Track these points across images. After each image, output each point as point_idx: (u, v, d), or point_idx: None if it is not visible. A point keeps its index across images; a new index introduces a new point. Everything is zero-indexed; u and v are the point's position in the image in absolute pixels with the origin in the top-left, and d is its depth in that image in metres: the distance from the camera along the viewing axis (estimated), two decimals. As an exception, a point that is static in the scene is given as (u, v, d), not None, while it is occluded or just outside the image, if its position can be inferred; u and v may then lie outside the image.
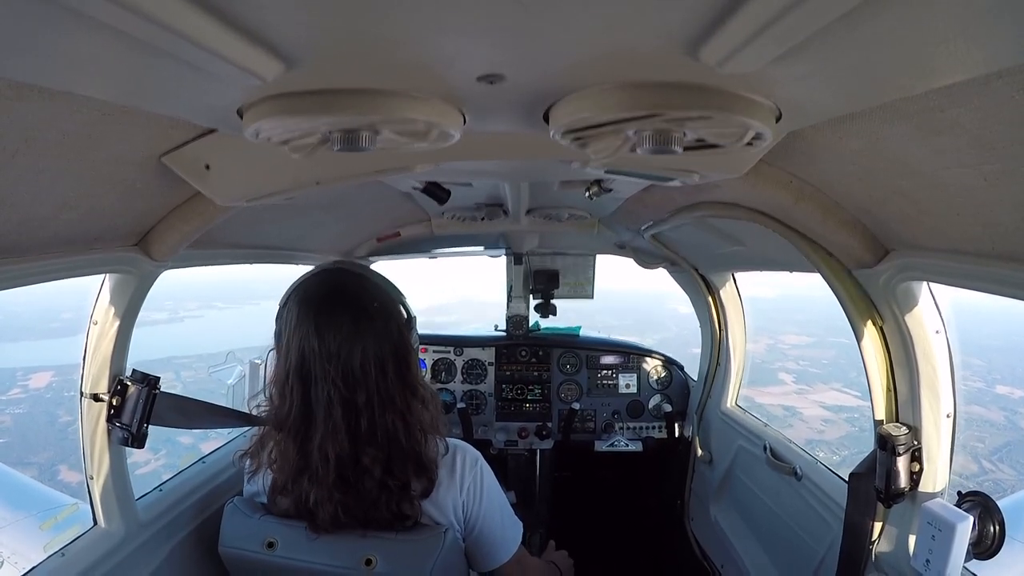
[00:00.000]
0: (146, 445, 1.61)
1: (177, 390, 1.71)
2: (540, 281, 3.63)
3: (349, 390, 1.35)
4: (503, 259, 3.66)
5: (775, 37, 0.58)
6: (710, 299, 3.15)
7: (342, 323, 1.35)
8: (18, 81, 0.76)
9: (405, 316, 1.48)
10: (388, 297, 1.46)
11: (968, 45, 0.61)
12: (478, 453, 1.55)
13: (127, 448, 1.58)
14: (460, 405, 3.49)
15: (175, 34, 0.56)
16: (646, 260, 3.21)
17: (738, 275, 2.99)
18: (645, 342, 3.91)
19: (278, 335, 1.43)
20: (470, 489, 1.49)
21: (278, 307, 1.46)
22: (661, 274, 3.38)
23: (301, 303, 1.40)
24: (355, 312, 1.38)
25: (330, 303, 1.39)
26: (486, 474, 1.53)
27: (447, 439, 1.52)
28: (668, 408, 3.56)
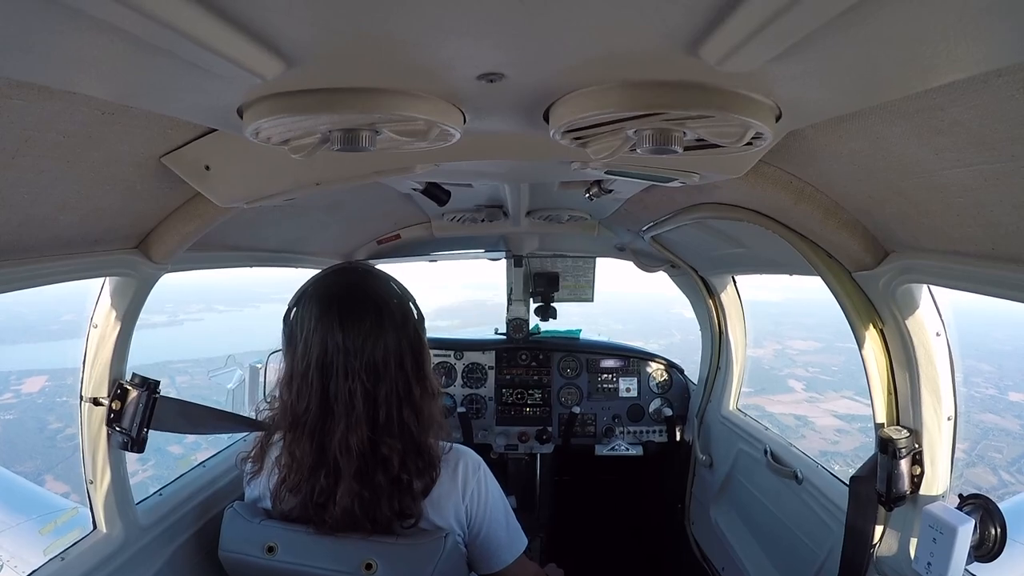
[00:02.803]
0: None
1: (171, 396, 1.69)
2: (540, 284, 3.62)
3: (372, 383, 1.37)
4: (503, 262, 3.66)
5: (775, 35, 0.58)
6: (710, 302, 3.15)
7: (365, 318, 1.38)
8: (18, 80, 0.76)
9: (417, 315, 1.50)
10: (402, 295, 1.48)
11: (968, 43, 0.61)
12: (480, 459, 1.56)
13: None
14: (460, 409, 3.48)
15: (176, 32, 0.56)
16: (646, 263, 3.21)
17: (741, 279, 2.99)
18: (649, 347, 3.90)
19: (290, 335, 1.43)
20: (473, 495, 1.49)
21: (287, 308, 1.46)
22: (663, 277, 3.38)
23: (321, 300, 1.41)
24: (377, 308, 1.40)
25: (352, 299, 1.41)
26: (488, 480, 1.54)
27: (448, 443, 1.52)
28: (668, 412, 3.55)
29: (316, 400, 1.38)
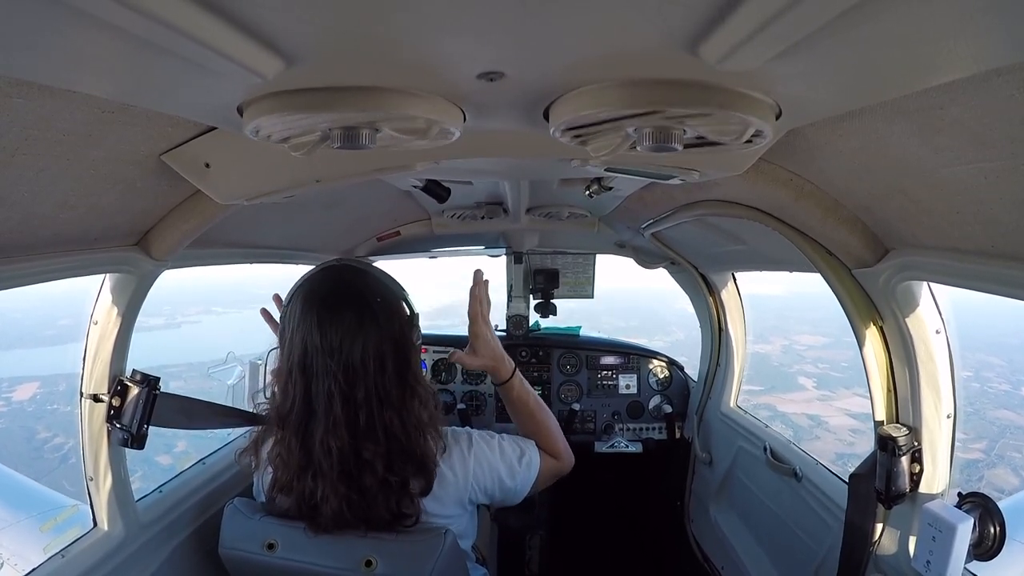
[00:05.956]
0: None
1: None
2: (540, 280, 3.62)
3: (349, 384, 1.35)
4: (503, 259, 3.65)
5: (775, 34, 0.58)
6: (710, 299, 3.15)
7: (344, 318, 1.36)
8: (18, 79, 0.76)
9: (408, 313, 1.48)
10: (391, 293, 1.47)
11: (968, 42, 0.61)
12: (464, 430, 1.56)
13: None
14: (460, 406, 3.48)
15: (176, 31, 0.56)
16: (646, 260, 3.21)
17: (741, 273, 2.99)
18: (652, 344, 3.89)
19: (281, 333, 1.45)
20: (475, 471, 1.49)
21: (284, 303, 1.47)
22: (664, 273, 3.38)
23: (305, 298, 1.41)
24: (358, 307, 1.38)
25: (333, 298, 1.40)
26: (479, 446, 1.53)
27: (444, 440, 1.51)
28: (668, 409, 3.56)
29: (300, 400, 1.38)
